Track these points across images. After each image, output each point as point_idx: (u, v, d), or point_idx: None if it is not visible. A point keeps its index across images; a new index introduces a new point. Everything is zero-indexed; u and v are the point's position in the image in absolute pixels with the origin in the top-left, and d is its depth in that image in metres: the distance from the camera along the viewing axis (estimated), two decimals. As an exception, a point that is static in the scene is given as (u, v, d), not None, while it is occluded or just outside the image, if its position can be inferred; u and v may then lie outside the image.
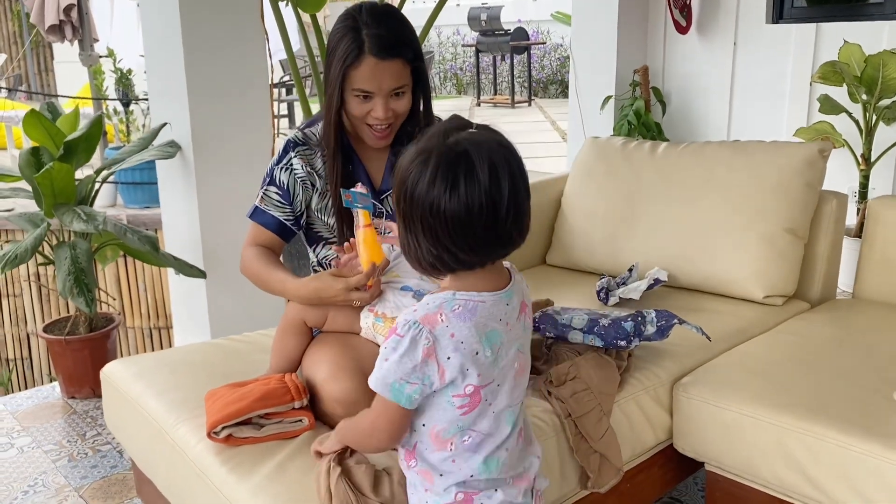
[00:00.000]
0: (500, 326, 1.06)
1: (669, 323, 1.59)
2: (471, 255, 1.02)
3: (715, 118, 4.37)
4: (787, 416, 1.48)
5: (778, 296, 2.04)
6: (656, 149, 2.31)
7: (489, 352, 1.05)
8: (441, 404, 1.06)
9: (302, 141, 1.71)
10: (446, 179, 0.98)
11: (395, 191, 1.04)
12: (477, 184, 0.98)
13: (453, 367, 1.03)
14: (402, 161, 1.04)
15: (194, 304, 3.04)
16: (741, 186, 2.08)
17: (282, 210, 1.70)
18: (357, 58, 1.53)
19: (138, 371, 1.70)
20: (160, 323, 5.19)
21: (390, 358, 1.03)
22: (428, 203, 0.99)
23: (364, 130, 1.63)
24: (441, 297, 1.05)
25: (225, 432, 1.36)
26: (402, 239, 1.06)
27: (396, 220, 1.08)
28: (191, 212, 2.93)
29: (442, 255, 1.01)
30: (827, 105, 3.61)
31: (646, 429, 1.65)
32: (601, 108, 4.46)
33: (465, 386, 1.05)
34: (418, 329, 1.02)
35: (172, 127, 2.88)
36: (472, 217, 0.98)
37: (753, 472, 1.55)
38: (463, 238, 1.00)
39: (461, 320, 1.03)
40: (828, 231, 2.12)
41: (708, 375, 1.67)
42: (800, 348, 1.77)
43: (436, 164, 0.99)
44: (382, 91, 1.55)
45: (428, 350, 1.02)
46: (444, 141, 1.01)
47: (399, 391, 1.04)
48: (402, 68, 1.56)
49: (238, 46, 2.90)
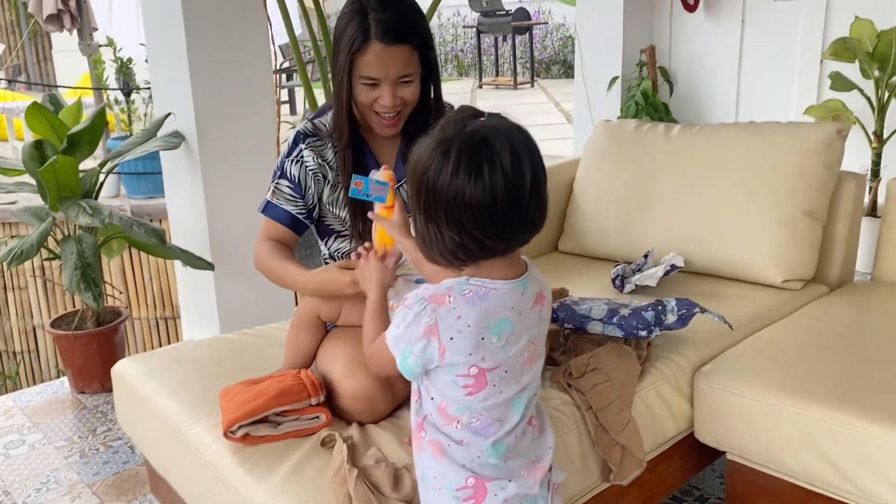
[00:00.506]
0: (512, 315, 1.06)
1: (690, 311, 1.56)
2: (496, 241, 1.03)
3: (723, 97, 4.32)
4: (813, 405, 1.45)
5: (796, 280, 2.01)
6: (670, 131, 2.27)
7: (496, 338, 1.05)
8: (446, 381, 1.07)
9: (312, 132, 1.67)
10: (469, 167, 0.98)
11: (414, 183, 1.04)
12: (500, 169, 0.99)
13: (456, 349, 1.04)
14: (417, 153, 1.04)
15: (202, 295, 3.02)
16: (758, 169, 2.04)
17: (294, 203, 1.66)
18: (363, 43, 1.49)
19: (149, 368, 1.68)
20: (167, 313, 5.17)
21: (400, 326, 1.08)
22: (452, 192, 0.99)
23: (372, 118, 1.59)
24: (454, 280, 1.06)
25: (241, 431, 1.33)
26: (422, 231, 1.06)
27: (412, 213, 1.07)
28: (197, 202, 2.90)
29: (466, 244, 1.02)
30: (838, 82, 3.55)
31: (667, 418, 1.63)
32: (608, 89, 4.41)
33: (468, 367, 1.05)
34: (423, 305, 1.04)
35: (176, 117, 2.85)
36: (496, 203, 0.99)
37: (777, 461, 1.53)
38: (489, 224, 1.00)
39: (470, 304, 1.04)
40: (846, 213, 2.09)
41: (729, 363, 1.64)
42: (821, 334, 1.73)
43: (457, 152, 0.99)
44: (389, 78, 1.51)
45: (429, 328, 1.04)
46: (462, 129, 1.01)
47: (404, 358, 1.08)
48: (410, 55, 1.52)
49: (240, 32, 2.85)
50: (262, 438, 1.35)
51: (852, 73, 3.53)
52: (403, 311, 1.07)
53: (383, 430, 1.40)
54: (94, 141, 2.57)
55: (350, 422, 1.45)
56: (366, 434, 1.38)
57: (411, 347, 1.06)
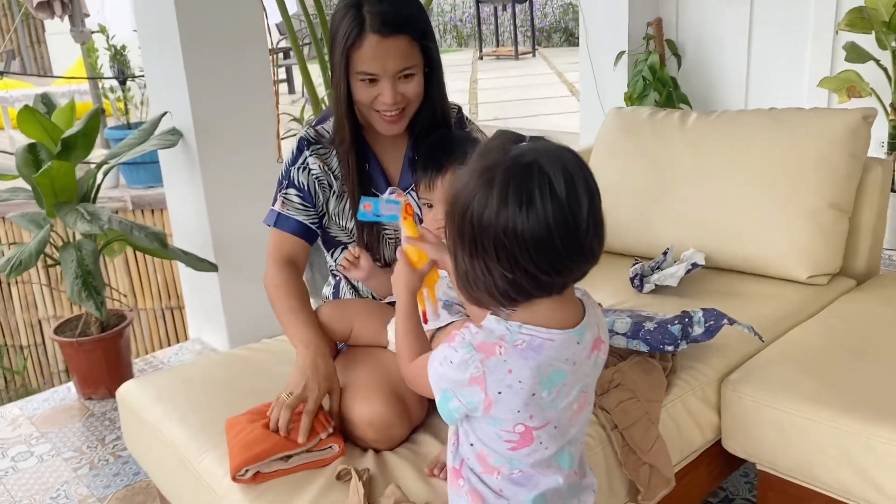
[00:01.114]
0: (566, 367, 0.97)
1: (718, 323, 1.49)
2: (553, 276, 0.92)
3: (733, 70, 4.20)
4: (850, 419, 1.39)
5: (823, 275, 1.93)
6: (686, 119, 2.18)
7: (546, 392, 0.96)
8: (489, 432, 0.99)
9: (315, 139, 1.58)
10: (519, 195, 0.88)
11: (456, 218, 0.93)
12: (554, 196, 0.88)
13: (503, 404, 0.95)
14: (457, 186, 0.94)
15: (207, 295, 2.96)
16: (780, 159, 1.96)
17: (305, 213, 1.58)
18: (358, 36, 1.40)
19: (156, 393, 1.62)
20: (172, 303, 5.12)
21: (443, 365, 0.98)
22: (501, 225, 0.88)
23: (373, 117, 1.50)
24: (504, 327, 0.95)
25: (250, 472, 1.27)
26: (465, 270, 0.95)
27: (452, 251, 0.97)
28: (197, 201, 2.83)
29: (520, 281, 0.91)
30: (854, 53, 3.45)
31: (693, 430, 1.57)
32: (614, 64, 4.30)
33: (515, 424, 0.97)
34: (471, 355, 0.94)
35: (172, 114, 2.76)
36: (552, 233, 0.88)
37: (812, 474, 1.47)
38: (544, 258, 0.89)
39: (523, 358, 0.94)
40: (872, 201, 2.01)
41: (758, 371, 1.57)
42: (853, 335, 1.66)
43: (504, 180, 0.88)
44: (388, 72, 1.42)
45: (475, 378, 0.95)
46: (505, 154, 0.91)
47: (445, 401, 0.99)
48: (409, 47, 1.43)
49: (235, 20, 2.76)
50: (272, 474, 1.30)
51: (867, 44, 3.42)
52: (448, 350, 0.97)
53: (401, 458, 1.34)
54: (89, 144, 2.49)
55: (365, 448, 1.39)
56: (383, 464, 1.33)
57: (453, 391, 0.97)
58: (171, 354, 3.02)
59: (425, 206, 1.52)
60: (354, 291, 1.69)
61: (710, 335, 1.51)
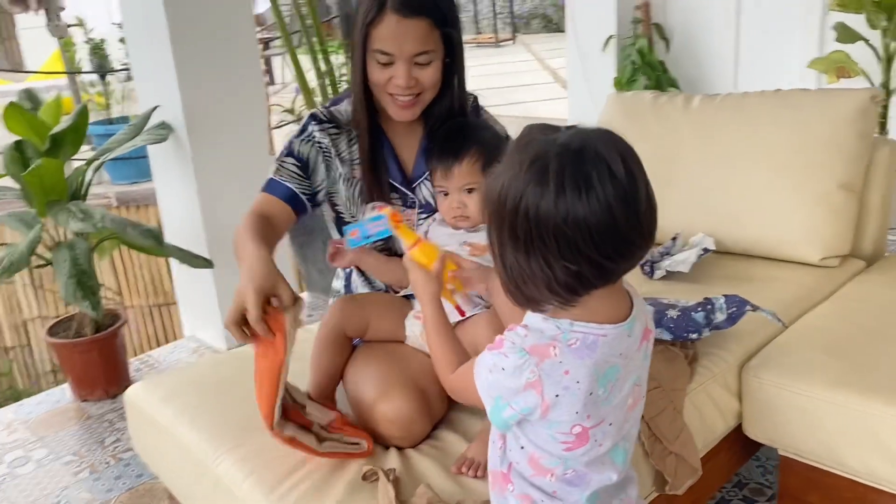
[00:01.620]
0: (620, 361, 0.93)
1: (742, 310, 1.47)
2: (616, 261, 0.88)
3: (721, 52, 4.19)
4: (877, 402, 1.37)
5: (834, 256, 1.92)
6: (690, 103, 2.15)
7: (602, 390, 0.92)
8: (543, 435, 0.95)
9: (327, 118, 1.53)
10: (576, 181, 0.84)
11: (506, 217, 0.88)
12: (613, 177, 0.84)
13: (561, 407, 0.91)
14: (499, 184, 0.89)
15: (201, 291, 2.90)
16: (789, 141, 1.94)
17: (298, 182, 1.49)
18: (378, 14, 1.37)
19: (166, 394, 1.57)
20: (160, 300, 5.04)
21: (494, 372, 0.93)
22: (562, 215, 0.84)
23: (387, 101, 1.46)
24: (556, 326, 0.91)
25: (289, 432, 1.24)
26: (518, 270, 0.89)
27: (496, 254, 0.92)
28: (189, 195, 2.77)
29: (583, 272, 0.86)
30: (844, 33, 3.43)
31: (716, 417, 1.55)
32: (603, 48, 4.27)
33: (572, 427, 0.93)
34: (524, 359, 0.90)
35: (162, 107, 2.69)
36: (614, 216, 0.84)
37: (837, 459, 1.46)
38: (609, 243, 0.85)
39: (578, 357, 0.90)
40: (880, 182, 2.00)
41: (779, 357, 1.56)
42: (870, 317, 1.65)
43: (558, 168, 0.84)
44: (404, 54, 1.38)
45: (531, 384, 0.90)
46: (552, 142, 0.87)
47: (498, 410, 0.94)
48: (428, 31, 1.39)
49: (223, 10, 2.69)
50: (304, 447, 1.26)
51: (857, 24, 3.41)
52: (496, 356, 0.93)
53: (426, 457, 1.31)
54: (77, 140, 2.42)
55: (387, 447, 1.36)
56: (408, 463, 1.29)
57: (507, 399, 0.93)
58: (167, 353, 2.97)
59: (441, 194, 1.48)
60: (368, 284, 1.64)
61: (733, 322, 1.49)
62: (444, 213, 1.49)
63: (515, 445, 0.99)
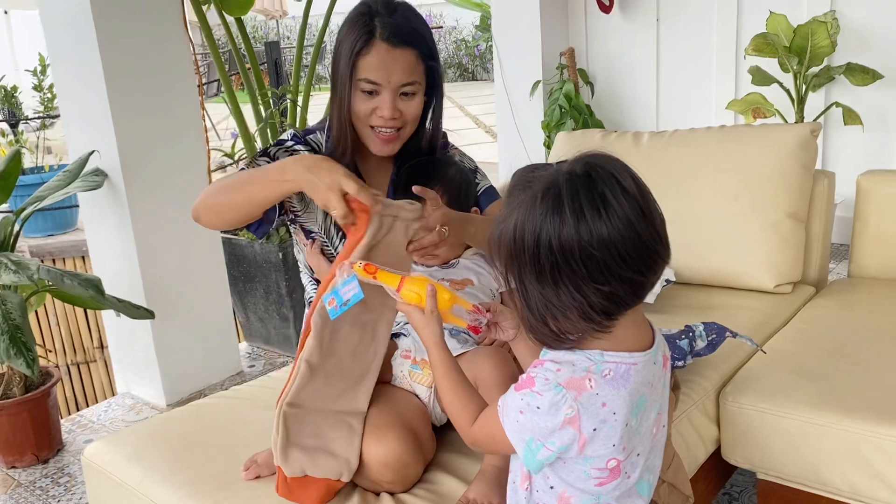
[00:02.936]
0: (647, 390, 0.92)
1: (721, 337, 1.50)
2: (645, 275, 0.87)
3: (643, 96, 4.36)
4: (858, 421, 1.41)
5: (787, 283, 1.99)
6: (640, 140, 2.22)
7: (635, 420, 0.91)
8: (575, 471, 0.92)
9: (302, 141, 1.51)
10: (593, 202, 0.84)
11: (525, 255, 0.86)
12: (625, 192, 0.85)
13: (599, 440, 0.89)
14: (510, 225, 0.87)
15: (138, 344, 2.77)
16: (738, 174, 2.02)
17: None
18: (367, 44, 1.36)
19: (131, 451, 1.46)
20: (79, 358, 4.77)
21: (526, 413, 0.89)
22: (586, 238, 0.84)
23: (368, 134, 1.45)
24: (587, 357, 0.89)
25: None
26: (546, 302, 0.87)
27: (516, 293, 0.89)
28: (126, 244, 2.65)
29: (616, 291, 0.86)
30: (759, 76, 3.64)
31: (698, 444, 1.56)
32: (531, 94, 4.37)
33: (608, 461, 0.91)
34: (561, 394, 0.87)
35: (95, 153, 2.58)
36: (636, 229, 0.85)
37: (818, 479, 1.49)
38: (636, 256, 0.85)
39: (614, 388, 0.88)
40: (821, 211, 2.09)
41: (753, 381, 1.59)
42: (832, 340, 1.71)
43: (572, 193, 0.84)
44: (391, 84, 1.38)
45: (569, 419, 0.87)
46: (555, 174, 0.87)
47: (532, 453, 0.90)
48: (415, 62, 1.39)
49: (161, 55, 2.64)
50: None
51: (771, 67, 3.62)
52: (528, 395, 0.89)
53: (421, 500, 1.26)
54: (8, 188, 2.29)
55: (378, 493, 1.30)
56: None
57: (542, 440, 0.89)
58: (101, 412, 2.79)
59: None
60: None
61: (713, 348, 1.51)
62: (411, 253, 1.48)
63: (544, 486, 0.95)
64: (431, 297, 1.06)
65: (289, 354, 3.15)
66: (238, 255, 3.12)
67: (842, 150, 3.77)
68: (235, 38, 3.06)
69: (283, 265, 2.99)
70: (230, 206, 1.35)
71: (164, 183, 2.68)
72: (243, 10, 2.89)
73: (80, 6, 2.43)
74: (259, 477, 1.33)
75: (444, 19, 11.73)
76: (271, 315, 3.14)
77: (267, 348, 3.25)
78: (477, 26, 10.37)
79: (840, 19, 3.48)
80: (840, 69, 3.40)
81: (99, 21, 2.43)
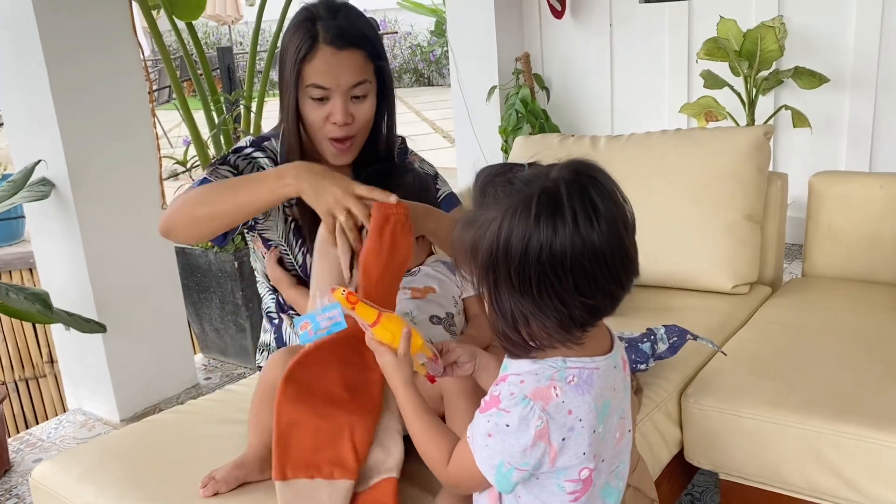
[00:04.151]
0: (612, 395, 0.91)
1: (682, 339, 1.50)
2: (626, 287, 0.87)
3: (598, 100, 4.40)
4: (816, 419, 1.43)
5: (744, 284, 2.02)
6: (597, 143, 2.23)
7: (602, 427, 0.89)
8: (549, 487, 0.90)
9: (260, 148, 1.47)
10: (587, 211, 0.82)
11: (509, 265, 0.83)
12: (613, 200, 0.84)
13: (569, 450, 0.87)
14: (489, 231, 0.84)
15: (90, 358, 2.69)
16: (695, 176, 2.04)
17: None
18: (311, 49, 1.33)
19: (82, 471, 1.41)
20: (27, 374, 4.62)
21: (495, 435, 0.86)
22: (578, 248, 0.81)
23: (323, 145, 1.42)
24: (549, 366, 0.87)
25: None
26: (526, 312, 0.84)
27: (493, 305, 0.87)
28: (75, 256, 2.57)
29: (600, 303, 0.85)
30: (710, 80, 3.69)
31: (661, 447, 1.56)
32: (487, 99, 4.38)
33: (580, 470, 0.89)
34: (529, 406, 0.84)
35: (42, 163, 2.50)
36: (622, 239, 0.84)
37: (780, 478, 1.50)
38: (621, 268, 0.84)
39: (579, 394, 0.86)
40: (775, 212, 2.12)
41: (714, 382, 1.60)
42: (788, 339, 1.73)
43: (567, 201, 0.82)
44: (341, 87, 1.35)
45: (540, 432, 0.84)
46: (545, 177, 0.84)
47: (505, 477, 0.87)
48: (364, 63, 1.37)
49: (109, 60, 2.57)
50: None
51: (722, 71, 3.68)
52: (494, 415, 0.86)
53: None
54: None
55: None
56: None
57: (513, 463, 0.86)
58: (51, 429, 2.70)
59: None
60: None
61: (674, 351, 1.52)
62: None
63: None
64: (406, 340, 1.03)
65: (246, 366, 3.10)
66: (192, 265, 3.05)
67: (791, 153, 3.85)
68: (187, 44, 3.01)
69: (238, 275, 2.93)
70: (214, 216, 1.30)
71: (114, 192, 2.61)
72: (194, 15, 2.84)
73: (23, 11, 2.36)
74: (217, 494, 1.29)
75: (398, 25, 11.72)
76: (227, 326, 3.07)
77: (223, 360, 3.18)
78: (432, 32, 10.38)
79: (787, 24, 3.55)
80: (788, 73, 3.47)
81: (43, 27, 2.36)
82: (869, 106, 3.57)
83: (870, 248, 2.02)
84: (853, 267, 2.06)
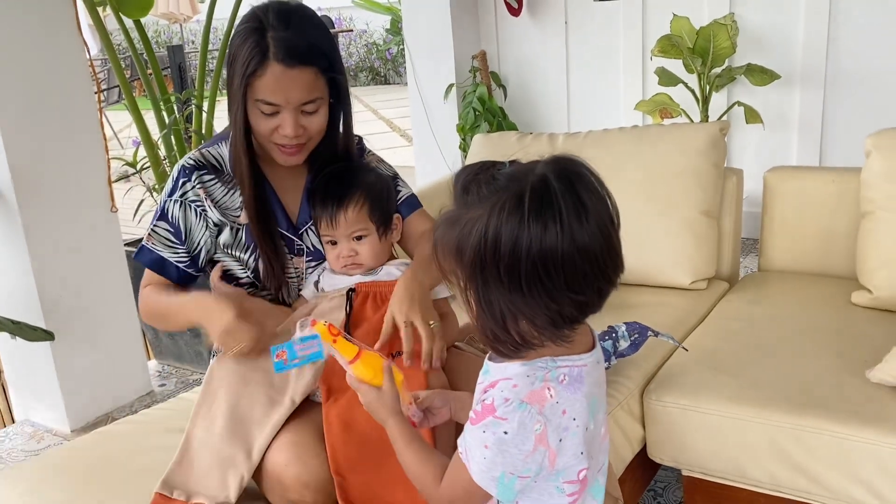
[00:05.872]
0: (598, 391, 0.90)
1: (643, 336, 1.50)
2: (614, 283, 0.86)
3: (554, 97, 4.41)
4: (776, 413, 1.44)
5: (702, 279, 2.03)
6: (555, 141, 2.22)
7: (593, 424, 0.88)
8: (548, 490, 0.89)
9: (200, 164, 1.42)
10: (576, 208, 0.80)
11: (497, 263, 0.81)
12: (599, 197, 0.83)
13: (566, 452, 0.85)
14: (475, 229, 0.81)
15: (37, 368, 2.60)
16: (652, 173, 2.04)
17: (172, 250, 1.42)
18: (260, 64, 1.29)
19: (28, 487, 1.35)
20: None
21: (492, 446, 0.83)
22: (568, 245, 0.79)
23: (272, 148, 1.39)
24: (540, 366, 0.85)
25: None
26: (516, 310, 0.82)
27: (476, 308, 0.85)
28: (21, 262, 2.48)
29: (589, 300, 0.84)
30: (665, 77, 3.73)
31: (625, 444, 1.56)
32: (444, 97, 4.36)
33: (579, 471, 0.88)
34: (526, 410, 0.82)
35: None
36: (609, 232, 0.83)
37: (742, 473, 1.51)
38: (610, 264, 0.84)
39: (571, 392, 0.85)
40: (731, 208, 2.14)
41: (676, 378, 1.60)
42: (747, 334, 1.74)
43: (555, 198, 0.80)
44: (291, 104, 1.32)
45: (539, 437, 0.83)
46: (531, 173, 0.82)
47: (508, 487, 0.85)
48: (315, 79, 1.33)
49: (54, 62, 2.48)
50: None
51: (676, 69, 3.72)
52: (490, 425, 0.83)
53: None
54: None
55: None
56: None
57: (515, 472, 0.84)
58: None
59: (328, 243, 1.44)
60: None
61: (636, 348, 1.52)
62: (333, 263, 1.44)
63: None
64: (389, 373, 1.02)
65: (202, 371, 3.02)
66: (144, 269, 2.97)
67: (744, 149, 3.90)
68: (135, 42, 2.93)
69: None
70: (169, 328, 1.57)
71: (60, 196, 2.52)
72: (142, 13, 2.75)
73: (-42, 10, 2.27)
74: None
75: (353, 23, 11.63)
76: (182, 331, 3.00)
77: (178, 366, 3.11)
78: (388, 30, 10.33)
79: (739, 21, 3.59)
80: (741, 70, 3.52)
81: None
82: (818, 102, 3.63)
83: (824, 242, 2.04)
84: (808, 261, 2.08)
